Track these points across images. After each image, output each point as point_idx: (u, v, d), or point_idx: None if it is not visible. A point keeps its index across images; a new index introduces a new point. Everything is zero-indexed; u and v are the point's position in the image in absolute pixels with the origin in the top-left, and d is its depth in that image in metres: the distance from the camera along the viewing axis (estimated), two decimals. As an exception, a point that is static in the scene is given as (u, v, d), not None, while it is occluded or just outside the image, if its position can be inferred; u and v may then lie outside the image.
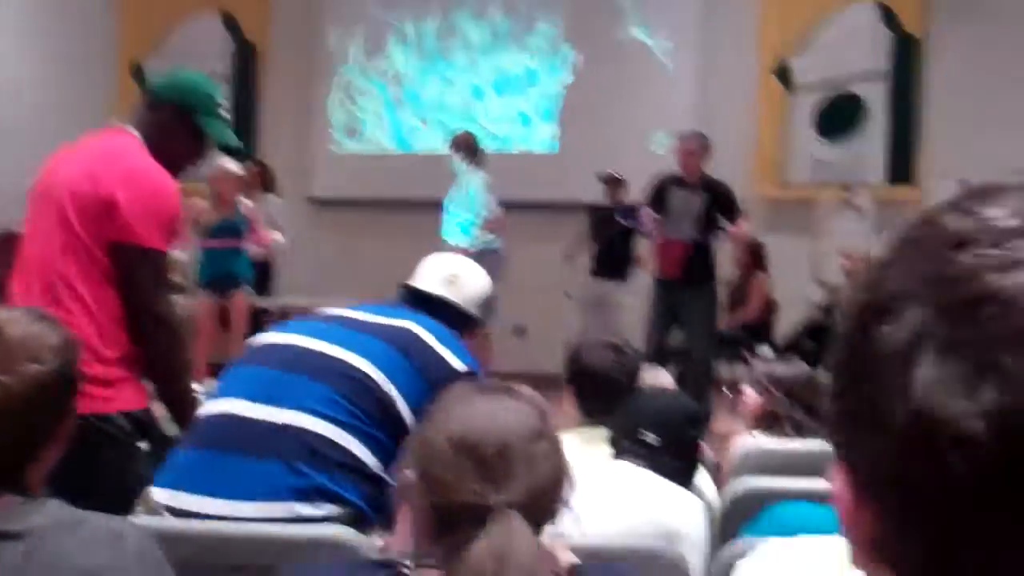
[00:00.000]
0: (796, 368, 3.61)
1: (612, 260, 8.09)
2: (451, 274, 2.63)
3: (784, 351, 6.84)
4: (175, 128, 2.75)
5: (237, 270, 7.09)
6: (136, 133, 2.75)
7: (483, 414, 1.33)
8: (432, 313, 2.51)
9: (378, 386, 2.25)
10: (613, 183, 8.22)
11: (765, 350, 6.84)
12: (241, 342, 6.81)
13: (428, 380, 2.25)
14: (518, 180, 8.50)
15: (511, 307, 8.32)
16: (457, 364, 2.37)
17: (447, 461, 1.28)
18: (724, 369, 6.65)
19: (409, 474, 1.34)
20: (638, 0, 9.29)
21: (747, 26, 9.07)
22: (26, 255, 2.72)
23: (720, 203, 6.52)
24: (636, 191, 7.85)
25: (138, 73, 9.95)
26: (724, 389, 7.29)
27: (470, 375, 2.35)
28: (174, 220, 2.69)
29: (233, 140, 2.85)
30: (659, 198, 6.55)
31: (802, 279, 7.99)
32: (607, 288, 8.11)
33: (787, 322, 7.43)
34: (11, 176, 9.18)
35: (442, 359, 2.36)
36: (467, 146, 7.62)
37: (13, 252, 2.78)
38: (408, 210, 8.91)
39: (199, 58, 9.80)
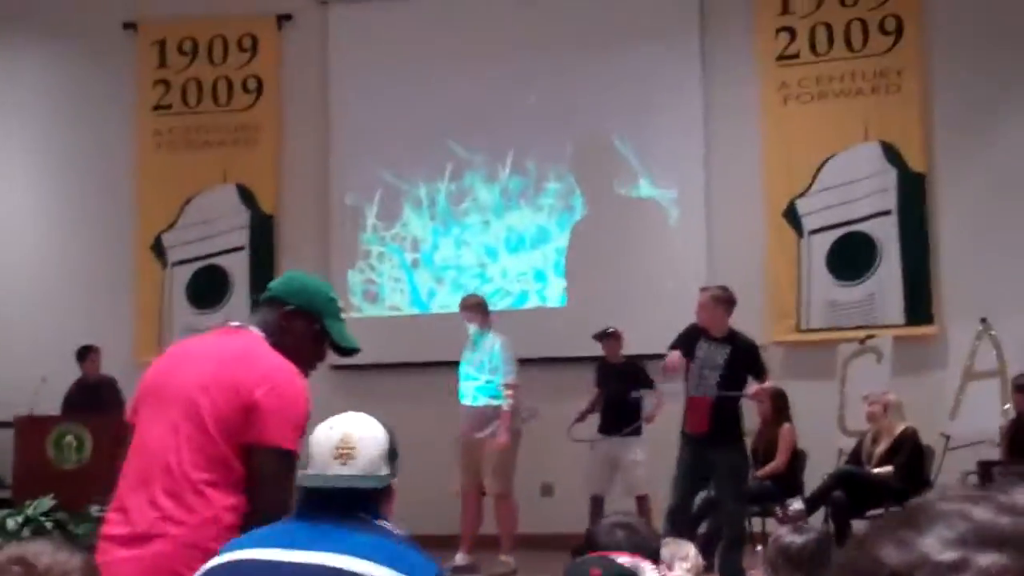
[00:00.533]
0: (805, 536, 3.45)
1: (623, 416, 8.05)
2: (338, 447, 2.29)
3: (814, 503, 6.73)
4: (302, 330, 2.83)
5: None
6: (259, 332, 2.81)
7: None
8: (342, 507, 2.27)
9: None
10: (608, 338, 8.24)
11: (796, 503, 6.73)
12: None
13: None
14: (534, 335, 8.54)
15: (536, 465, 8.33)
16: None
17: None
18: (755, 524, 6.54)
19: None
20: (642, 153, 9.46)
21: (752, 171, 9.19)
22: (142, 450, 2.73)
23: (744, 358, 6.47)
24: (646, 342, 7.88)
25: (157, 245, 10.13)
26: (757, 547, 7.19)
27: None
28: (306, 420, 2.73)
29: (354, 342, 2.92)
30: (688, 345, 6.49)
31: (826, 424, 7.92)
32: (619, 445, 8.05)
33: (815, 471, 7.33)
34: (48, 353, 9.39)
35: None
36: (480, 309, 7.71)
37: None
38: (428, 371, 8.94)
39: (216, 229, 10.04)
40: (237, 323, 2.91)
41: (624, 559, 2.27)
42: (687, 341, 6.51)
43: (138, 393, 2.85)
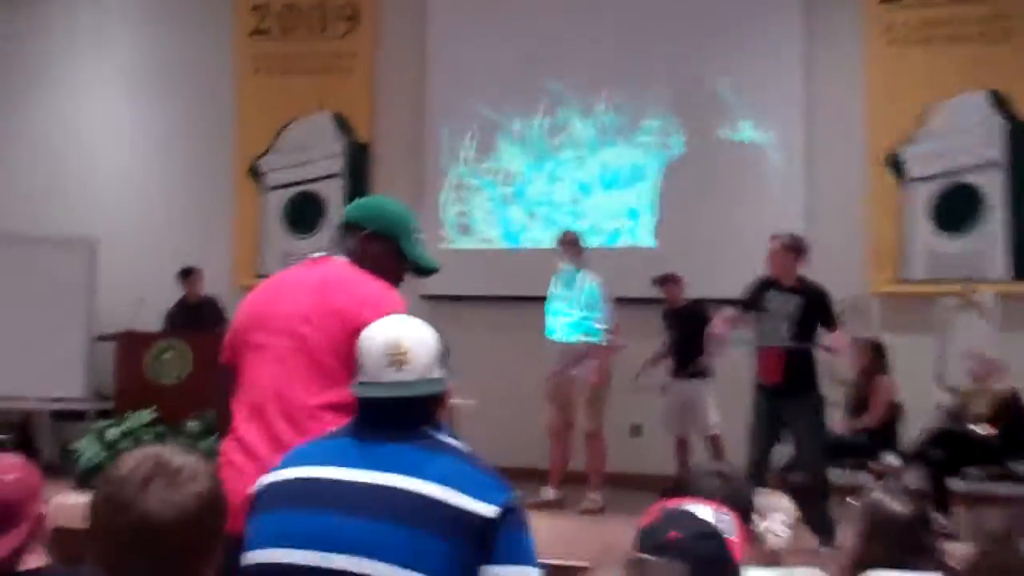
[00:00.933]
0: (904, 505, 3.30)
1: (688, 359, 8.14)
2: (391, 353, 2.20)
3: (910, 459, 6.66)
4: (381, 253, 2.89)
5: None
6: (344, 259, 2.88)
7: None
8: (402, 418, 2.19)
9: None
10: (668, 282, 8.31)
11: (890, 458, 6.67)
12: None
13: (459, 541, 2.03)
14: (623, 275, 8.53)
15: (626, 406, 8.36)
16: (485, 510, 2.06)
17: None
18: (848, 477, 6.50)
19: None
20: (743, 94, 9.31)
21: (855, 117, 9.00)
22: (253, 383, 2.78)
23: (815, 308, 6.34)
24: (738, 287, 7.83)
25: (254, 170, 10.25)
26: (848, 499, 7.16)
27: (508, 513, 2.08)
28: None
29: (433, 262, 2.98)
30: (756, 299, 6.42)
31: (924, 380, 7.80)
32: (688, 387, 8.13)
33: (912, 426, 7.24)
34: (146, 274, 9.60)
35: (465, 513, 2.05)
36: (574, 245, 7.70)
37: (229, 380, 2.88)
38: (518, 305, 8.98)
39: (311, 156, 10.13)
40: (321, 253, 2.94)
41: (707, 509, 2.15)
42: (756, 293, 6.44)
43: (237, 331, 2.89)
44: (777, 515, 3.20)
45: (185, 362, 8.64)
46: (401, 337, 2.21)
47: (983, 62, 8.76)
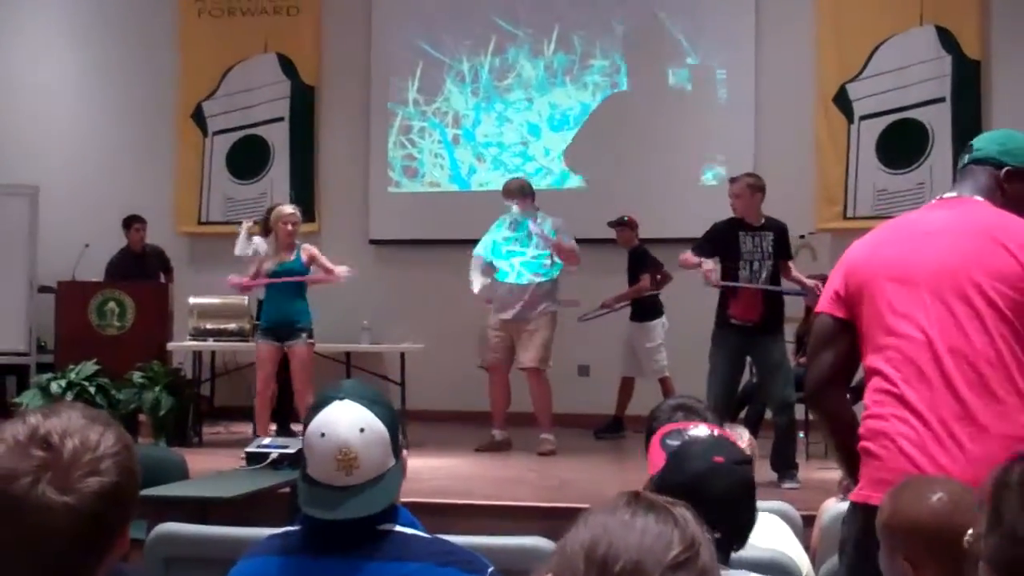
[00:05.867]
0: None
1: (637, 302, 8.26)
2: (340, 458, 2.00)
3: (857, 391, 6.68)
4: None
5: (298, 317, 7.08)
6: (980, 199, 2.53)
7: (621, 529, 1.26)
8: (357, 529, 2.02)
9: None
10: (624, 226, 8.34)
11: (837, 392, 6.69)
12: (307, 392, 6.83)
13: None
14: (570, 216, 8.46)
15: (573, 347, 8.35)
16: None
17: (576, 570, 1.23)
18: (799, 410, 6.53)
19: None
20: (692, 30, 9.24)
21: (804, 53, 8.99)
22: (911, 342, 2.42)
23: (780, 243, 6.39)
24: (685, 225, 7.86)
25: (198, 114, 10.05)
26: (800, 433, 7.20)
27: None
28: None
29: None
30: (724, 244, 6.37)
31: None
32: (638, 330, 8.25)
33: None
34: (87, 222, 9.40)
35: None
36: (522, 191, 7.62)
37: None
38: (466, 248, 8.88)
39: (256, 99, 9.94)
40: (952, 193, 2.58)
41: (703, 429, 2.27)
42: (723, 238, 6.35)
43: (861, 282, 2.52)
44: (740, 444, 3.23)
45: (127, 312, 8.52)
46: (349, 441, 1.99)
47: (931, -1, 8.76)
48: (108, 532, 1.40)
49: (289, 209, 7.17)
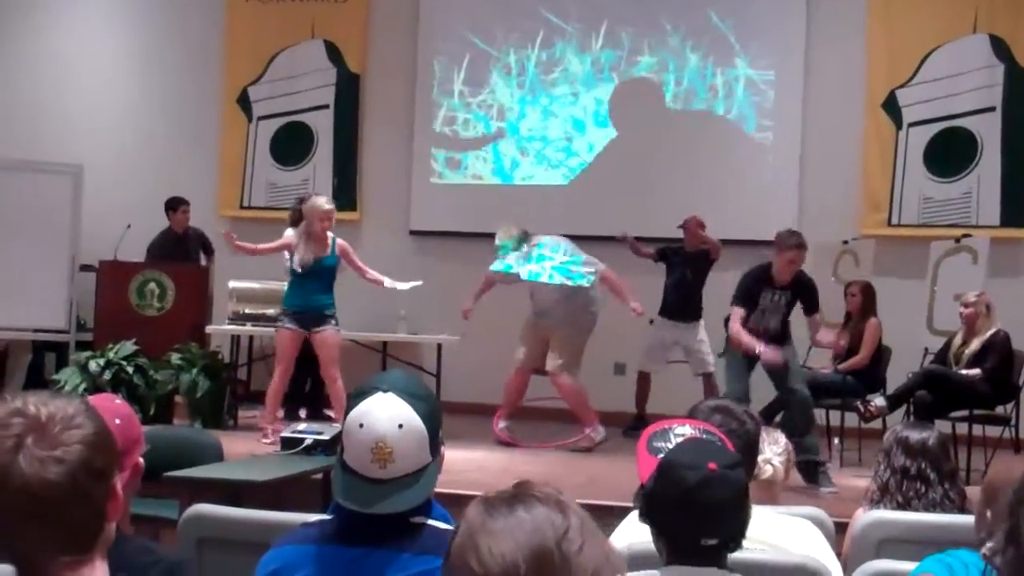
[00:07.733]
0: (926, 433, 3.55)
1: (684, 301, 8.20)
2: (375, 450, 2.00)
3: (897, 400, 6.62)
4: None
5: (326, 305, 7.09)
6: None
7: (507, 536, 1.29)
8: (388, 521, 2.01)
9: None
10: (693, 226, 8.23)
11: (878, 399, 6.63)
12: (338, 378, 6.87)
13: None
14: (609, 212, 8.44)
15: (610, 345, 8.31)
16: None
17: None
18: (835, 417, 6.47)
19: None
20: (743, 31, 9.16)
21: (854, 58, 8.90)
22: None
23: (802, 296, 6.52)
24: (730, 227, 7.79)
25: (243, 99, 10.10)
26: (835, 439, 7.14)
27: None
28: None
29: None
30: (750, 295, 6.51)
31: (913, 322, 7.75)
32: (684, 328, 8.19)
33: (898, 368, 7.19)
34: (130, 202, 9.48)
35: None
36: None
37: None
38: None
39: (302, 86, 9.97)
40: None
41: (688, 428, 2.30)
42: (750, 293, 6.51)
43: None
44: (774, 447, 3.23)
45: (167, 294, 8.57)
46: (386, 435, 1.98)
47: (985, 6, 8.63)
48: (100, 479, 1.49)
49: (327, 205, 7.10)
